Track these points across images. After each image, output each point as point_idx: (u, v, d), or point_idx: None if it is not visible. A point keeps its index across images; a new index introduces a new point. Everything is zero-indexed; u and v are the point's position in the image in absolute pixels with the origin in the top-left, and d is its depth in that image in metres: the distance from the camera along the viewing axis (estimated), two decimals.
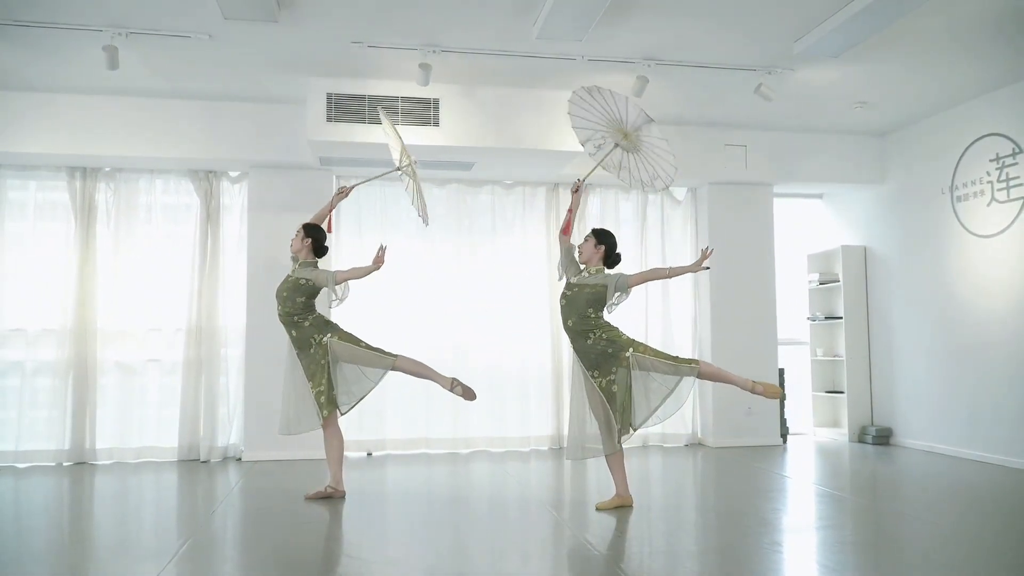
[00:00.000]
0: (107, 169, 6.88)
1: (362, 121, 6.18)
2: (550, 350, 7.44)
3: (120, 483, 5.58)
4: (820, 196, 8.57)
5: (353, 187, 5.48)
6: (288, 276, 5.13)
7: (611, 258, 4.90)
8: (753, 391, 4.69)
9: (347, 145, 6.26)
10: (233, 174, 7.11)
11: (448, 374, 5.18)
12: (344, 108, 6.17)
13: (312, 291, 5.05)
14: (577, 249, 4.97)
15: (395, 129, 5.34)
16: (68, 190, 6.79)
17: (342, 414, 5.05)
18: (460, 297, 7.34)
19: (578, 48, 5.61)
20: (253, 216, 6.92)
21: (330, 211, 5.39)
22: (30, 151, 6.42)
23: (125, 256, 6.86)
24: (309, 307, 5.09)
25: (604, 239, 4.90)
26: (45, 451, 6.55)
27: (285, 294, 5.07)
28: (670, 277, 4.95)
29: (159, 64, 5.86)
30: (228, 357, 6.93)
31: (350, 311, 7.20)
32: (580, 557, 3.88)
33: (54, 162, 6.70)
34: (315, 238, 5.18)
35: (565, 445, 5.41)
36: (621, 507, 4.76)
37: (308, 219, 5.37)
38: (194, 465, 6.54)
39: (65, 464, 6.47)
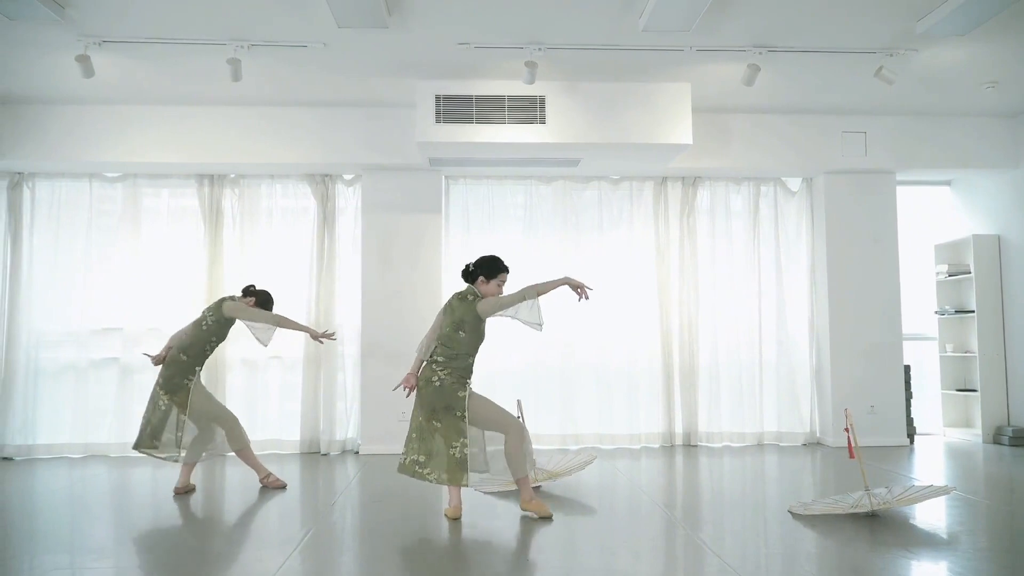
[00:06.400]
0: (232, 176, 7.26)
1: (470, 121, 6.27)
2: (659, 346, 7.35)
3: (246, 474, 5.88)
4: (948, 183, 8.10)
5: (331, 336, 5.46)
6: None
7: None
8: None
9: (455, 145, 6.37)
10: (347, 177, 7.36)
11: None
12: (452, 109, 6.27)
13: None
14: (484, 284, 4.63)
15: None
16: (197, 196, 7.21)
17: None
18: (566, 294, 7.32)
19: (686, 38, 5.51)
20: (367, 217, 7.14)
21: (301, 330, 5.40)
22: (162, 161, 6.85)
23: (250, 257, 7.22)
24: None
25: None
26: None
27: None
28: (546, 291, 4.61)
29: (278, 73, 6.13)
30: (345, 354, 7.18)
31: None
32: (693, 556, 3.81)
33: (184, 170, 7.12)
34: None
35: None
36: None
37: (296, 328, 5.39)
38: (315, 457, 6.81)
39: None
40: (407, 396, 4.65)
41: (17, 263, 7.07)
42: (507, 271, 4.68)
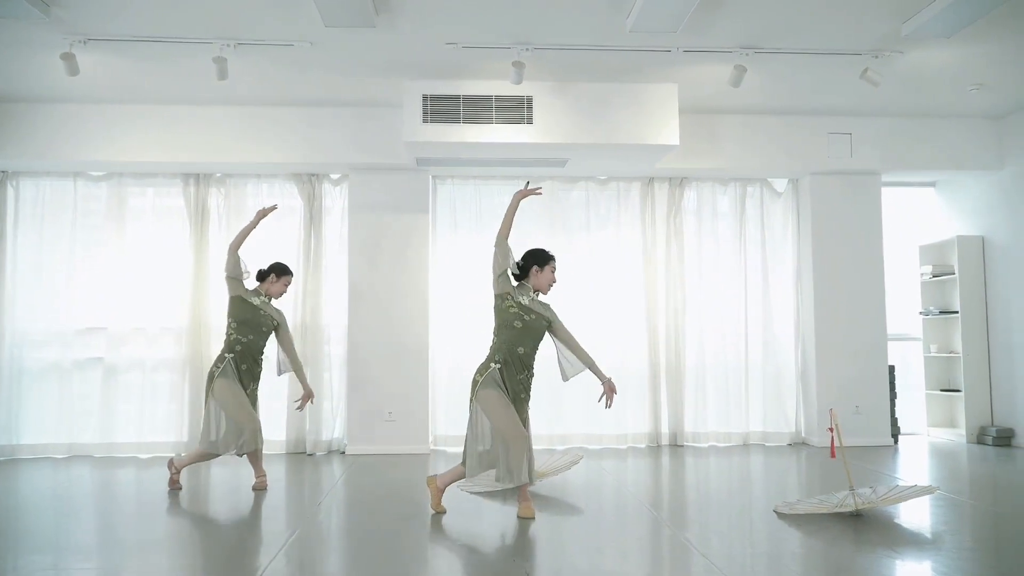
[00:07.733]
0: (218, 175, 7.22)
1: (457, 121, 6.26)
2: (647, 346, 7.37)
3: (233, 474, 5.85)
4: (932, 184, 8.15)
5: (273, 208, 5.63)
6: (268, 311, 5.42)
7: None
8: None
9: (443, 145, 6.36)
10: (334, 177, 7.33)
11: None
12: (439, 109, 6.26)
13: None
14: (537, 275, 4.67)
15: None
16: (183, 196, 7.17)
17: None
18: (554, 293, 7.31)
19: (673, 39, 5.52)
20: (354, 217, 7.12)
21: (252, 229, 5.52)
22: (148, 160, 6.80)
23: None
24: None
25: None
26: (164, 443, 6.94)
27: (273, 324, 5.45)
28: (510, 221, 4.62)
29: (265, 72, 6.10)
30: (331, 354, 7.16)
31: (446, 309, 7.34)
32: (680, 556, 3.83)
33: (170, 169, 7.08)
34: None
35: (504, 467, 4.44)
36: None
37: (236, 235, 5.54)
38: (301, 458, 6.78)
39: (183, 455, 6.81)
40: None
41: (0, 262, 7.01)
42: (554, 258, 4.71)
